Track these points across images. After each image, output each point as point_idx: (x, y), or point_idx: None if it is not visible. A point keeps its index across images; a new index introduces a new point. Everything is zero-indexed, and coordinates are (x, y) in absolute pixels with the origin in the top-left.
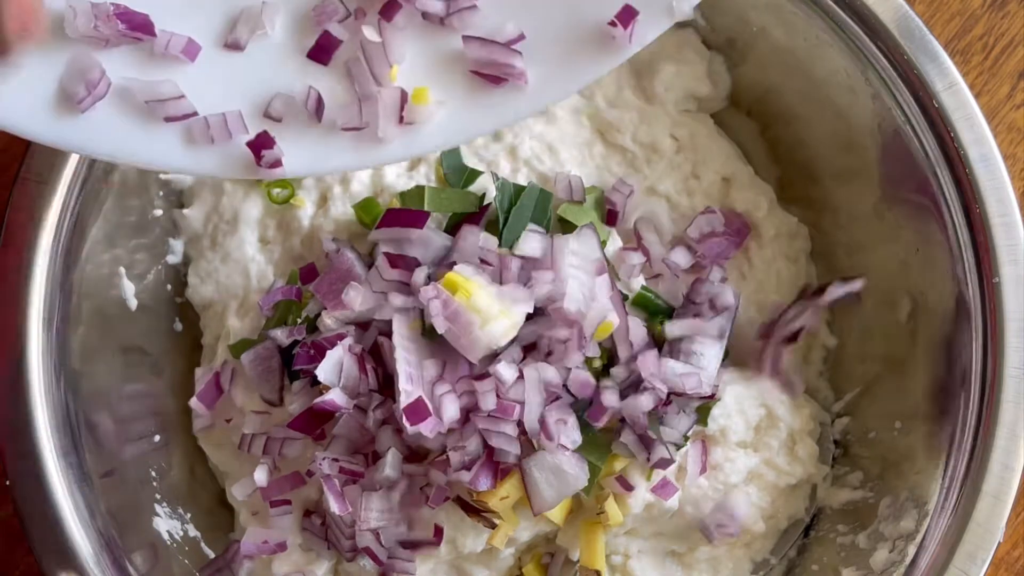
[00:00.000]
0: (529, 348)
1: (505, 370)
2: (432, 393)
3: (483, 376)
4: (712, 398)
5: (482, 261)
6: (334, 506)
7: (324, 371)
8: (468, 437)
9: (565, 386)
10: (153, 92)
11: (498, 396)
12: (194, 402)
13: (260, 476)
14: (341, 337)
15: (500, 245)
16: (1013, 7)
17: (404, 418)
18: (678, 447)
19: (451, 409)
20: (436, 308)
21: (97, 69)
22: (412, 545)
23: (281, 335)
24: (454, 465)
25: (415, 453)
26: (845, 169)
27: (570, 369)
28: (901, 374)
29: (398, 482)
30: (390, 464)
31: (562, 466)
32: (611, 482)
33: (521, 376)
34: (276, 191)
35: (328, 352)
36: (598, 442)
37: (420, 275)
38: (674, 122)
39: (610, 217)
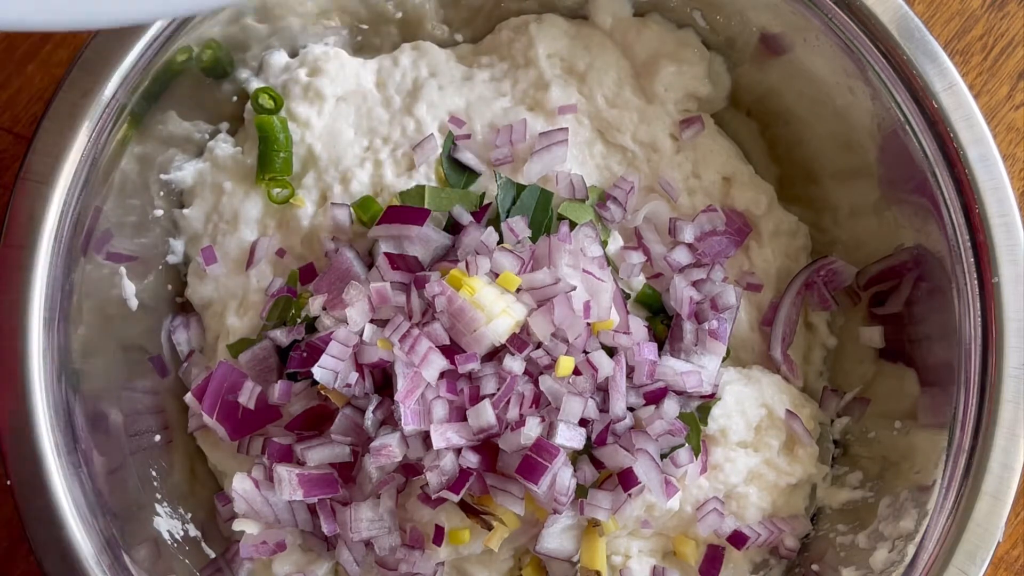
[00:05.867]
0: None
1: (511, 362)
2: (427, 395)
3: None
4: (712, 397)
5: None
6: (325, 525)
7: (320, 372)
8: (443, 456)
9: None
10: None
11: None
12: (189, 397)
13: (257, 476)
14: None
15: (500, 243)
16: (1013, 7)
17: (403, 418)
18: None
19: (440, 412)
20: (441, 304)
21: None
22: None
23: (280, 335)
24: (433, 487)
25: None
26: (845, 169)
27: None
28: (900, 374)
29: (389, 488)
30: (371, 464)
31: (568, 520)
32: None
33: (527, 371)
34: (276, 191)
35: (324, 352)
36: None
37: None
38: (674, 122)
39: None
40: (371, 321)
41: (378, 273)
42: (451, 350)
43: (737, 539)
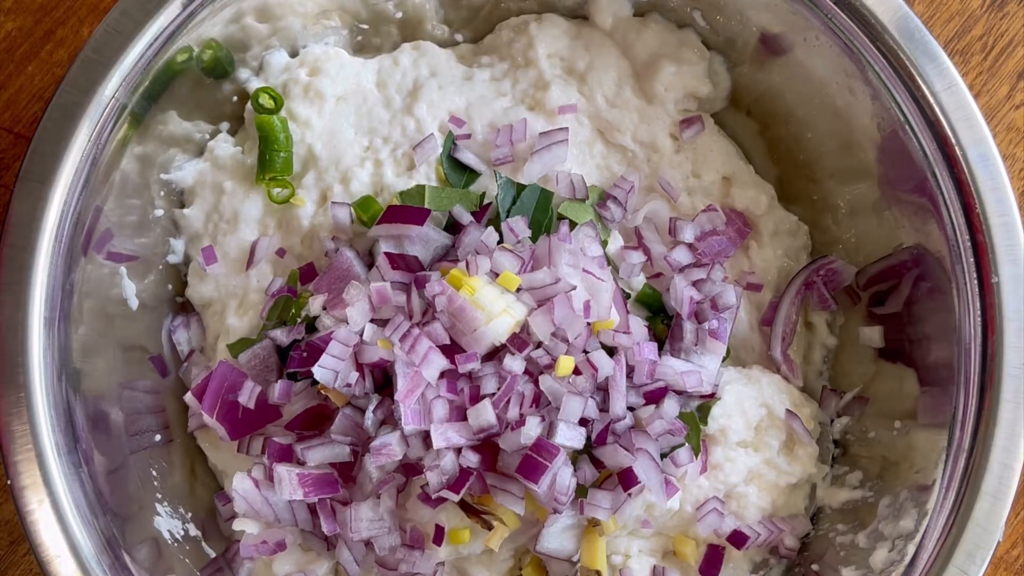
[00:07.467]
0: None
1: (512, 362)
2: (427, 394)
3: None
4: (712, 396)
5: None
6: (325, 525)
7: (320, 371)
8: (443, 456)
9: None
10: None
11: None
12: (189, 397)
13: (257, 476)
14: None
15: (500, 242)
16: (1012, 7)
17: (403, 418)
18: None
19: (440, 411)
20: (441, 304)
21: None
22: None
23: (280, 335)
24: (433, 486)
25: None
26: (844, 169)
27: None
28: (900, 374)
29: (389, 488)
30: (371, 464)
31: (568, 520)
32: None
33: (527, 371)
34: (276, 191)
35: (324, 352)
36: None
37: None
38: (674, 122)
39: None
40: (371, 321)
41: (378, 273)
42: (451, 350)
43: (737, 539)
